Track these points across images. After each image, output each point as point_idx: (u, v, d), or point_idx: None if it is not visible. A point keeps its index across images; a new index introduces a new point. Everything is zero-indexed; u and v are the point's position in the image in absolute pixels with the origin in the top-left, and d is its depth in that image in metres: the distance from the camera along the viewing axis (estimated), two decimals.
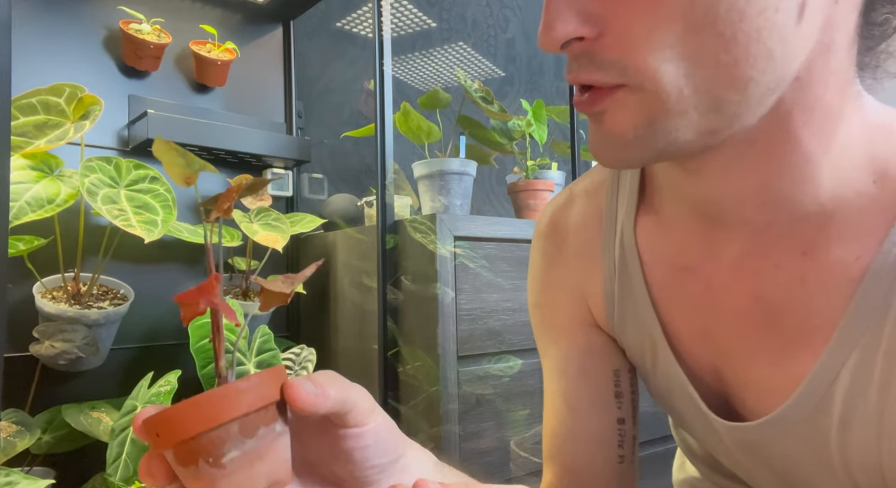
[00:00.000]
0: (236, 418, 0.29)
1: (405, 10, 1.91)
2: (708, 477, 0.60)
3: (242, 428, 0.30)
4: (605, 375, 0.53)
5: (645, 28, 0.33)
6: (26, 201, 0.96)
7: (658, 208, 0.48)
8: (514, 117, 1.48)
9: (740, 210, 0.40)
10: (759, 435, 0.43)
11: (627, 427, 0.53)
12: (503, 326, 1.21)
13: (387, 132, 1.21)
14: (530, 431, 1.22)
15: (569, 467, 0.53)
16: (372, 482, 0.37)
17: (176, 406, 0.29)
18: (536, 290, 0.58)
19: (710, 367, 0.46)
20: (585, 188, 0.55)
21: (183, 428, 0.28)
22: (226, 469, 0.29)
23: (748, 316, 0.43)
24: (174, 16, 1.39)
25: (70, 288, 1.13)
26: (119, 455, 0.95)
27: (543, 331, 0.57)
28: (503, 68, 2.17)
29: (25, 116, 1.00)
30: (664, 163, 0.44)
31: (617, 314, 0.51)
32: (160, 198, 1.09)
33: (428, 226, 1.14)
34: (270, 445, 0.31)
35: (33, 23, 1.21)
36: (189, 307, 0.31)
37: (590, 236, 0.53)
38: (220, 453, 0.29)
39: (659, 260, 0.48)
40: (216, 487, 0.29)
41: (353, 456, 0.35)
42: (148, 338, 1.31)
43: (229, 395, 0.29)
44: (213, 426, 0.29)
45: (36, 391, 1.11)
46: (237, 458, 0.29)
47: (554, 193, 1.47)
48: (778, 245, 0.40)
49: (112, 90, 1.29)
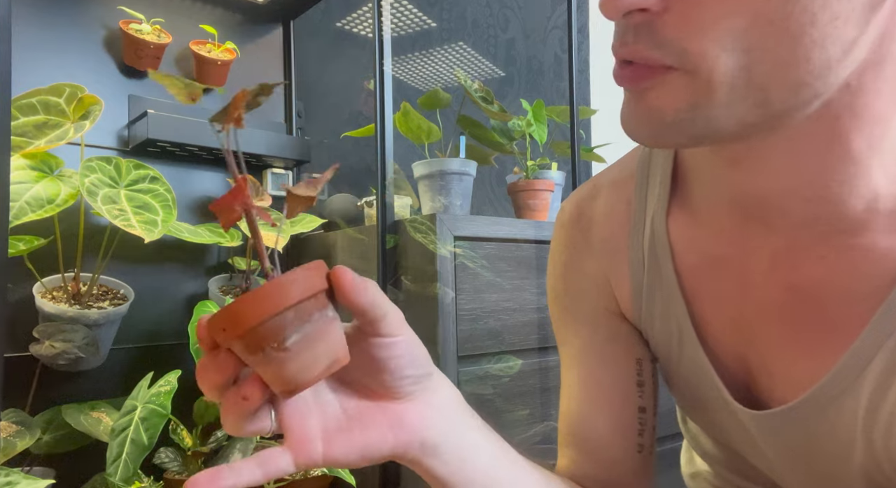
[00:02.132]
0: (292, 305, 0.32)
1: (405, 10, 1.91)
2: (720, 474, 0.60)
3: (298, 314, 0.33)
4: (628, 363, 0.53)
5: (713, 13, 0.32)
6: (26, 201, 0.96)
7: (691, 201, 0.48)
8: (514, 117, 1.48)
9: (783, 204, 0.41)
10: (784, 421, 0.43)
11: (648, 416, 0.53)
12: (503, 326, 1.21)
13: (387, 132, 1.21)
14: (530, 431, 1.22)
15: (586, 452, 0.53)
16: (405, 393, 0.38)
17: (235, 301, 0.32)
18: (559, 278, 0.57)
19: (737, 357, 0.47)
20: (612, 180, 0.55)
21: (247, 318, 0.31)
22: (290, 351, 0.32)
23: (783, 305, 0.43)
24: (174, 16, 1.39)
25: (70, 288, 1.13)
26: (119, 455, 0.95)
27: (564, 320, 0.57)
28: (503, 68, 2.17)
29: (25, 116, 1.00)
30: (705, 155, 0.45)
31: (645, 305, 0.51)
32: (160, 198, 1.09)
33: (428, 226, 1.14)
34: (326, 328, 0.34)
35: (33, 23, 1.21)
36: (226, 213, 0.33)
37: (616, 227, 0.53)
38: (283, 337, 0.32)
39: (691, 250, 0.48)
40: (285, 368, 0.32)
41: (388, 366, 0.37)
42: (148, 338, 1.31)
43: (283, 285, 0.32)
44: (273, 313, 0.32)
45: (36, 391, 1.11)
46: (299, 341, 0.33)
47: (554, 193, 1.47)
48: (823, 238, 0.41)
49: (112, 90, 1.29)
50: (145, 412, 0.99)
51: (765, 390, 0.46)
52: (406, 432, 0.38)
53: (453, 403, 0.41)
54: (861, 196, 0.38)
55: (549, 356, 1.29)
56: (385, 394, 0.38)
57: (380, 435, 0.37)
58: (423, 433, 0.38)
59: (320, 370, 0.34)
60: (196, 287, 1.38)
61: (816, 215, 0.40)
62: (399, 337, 0.37)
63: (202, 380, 0.34)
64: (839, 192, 0.39)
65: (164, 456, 1.13)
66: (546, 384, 1.25)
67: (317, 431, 0.36)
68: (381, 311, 0.36)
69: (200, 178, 1.41)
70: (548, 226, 1.32)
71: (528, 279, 1.27)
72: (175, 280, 1.35)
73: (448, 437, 0.39)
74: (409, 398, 0.39)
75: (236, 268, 1.40)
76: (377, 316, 0.36)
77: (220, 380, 0.34)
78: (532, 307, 1.27)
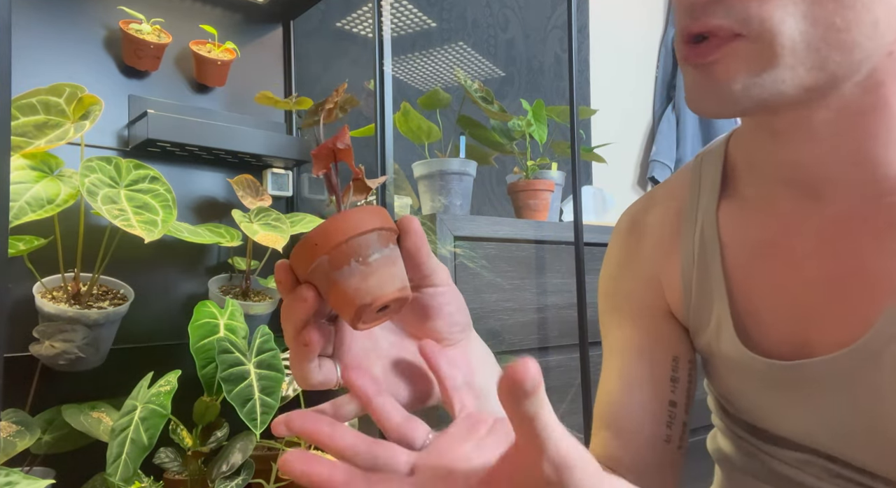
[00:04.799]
0: (375, 229, 0.37)
1: (405, 10, 1.91)
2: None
3: (380, 238, 0.37)
4: (664, 358, 0.56)
5: None
6: (26, 201, 0.96)
7: (741, 191, 0.52)
8: (514, 117, 1.48)
9: (830, 172, 0.44)
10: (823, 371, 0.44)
11: (678, 411, 0.55)
12: (503, 326, 1.21)
13: (387, 132, 1.21)
14: None
15: (616, 434, 0.56)
16: (455, 340, 0.42)
17: (324, 222, 0.36)
18: (610, 278, 0.61)
19: (784, 338, 0.48)
20: (667, 191, 0.59)
21: (340, 232, 0.36)
22: (371, 266, 0.36)
23: (829, 279, 0.45)
24: (174, 16, 1.39)
25: (70, 288, 1.13)
26: (119, 455, 0.95)
27: (609, 316, 0.61)
28: (503, 68, 2.17)
29: (25, 116, 1.00)
30: (751, 137, 0.48)
31: (694, 300, 0.54)
32: (160, 198, 1.09)
33: (428, 226, 1.14)
34: (398, 259, 0.38)
35: (33, 23, 1.21)
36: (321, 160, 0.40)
37: (668, 231, 0.57)
38: (367, 254, 0.36)
39: (739, 240, 0.51)
40: (367, 281, 0.36)
41: (441, 312, 0.41)
42: (148, 337, 1.31)
43: (366, 212, 0.37)
44: (363, 231, 0.36)
45: (36, 391, 1.11)
46: (379, 260, 0.37)
47: (554, 193, 1.47)
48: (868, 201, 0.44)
49: (112, 90, 1.29)
50: (145, 412, 0.99)
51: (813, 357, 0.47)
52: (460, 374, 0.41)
53: (489, 355, 0.45)
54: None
55: (549, 356, 1.29)
56: (437, 342, 0.42)
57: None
58: (472, 376, 0.42)
59: (395, 289, 0.37)
60: (196, 287, 1.38)
61: (862, 179, 0.43)
62: (449, 285, 0.42)
63: (287, 320, 0.37)
64: (884, 154, 0.42)
65: (164, 456, 1.13)
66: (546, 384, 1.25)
67: (379, 378, 0.40)
68: (435, 263, 0.41)
69: (200, 178, 1.41)
70: (548, 226, 1.32)
71: (528, 279, 1.27)
72: (175, 280, 1.35)
73: (491, 382, 0.43)
74: (458, 345, 0.42)
75: (236, 268, 1.40)
76: (433, 266, 0.40)
77: (303, 314, 0.36)
78: (532, 307, 1.27)
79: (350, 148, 0.40)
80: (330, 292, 0.37)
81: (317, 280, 0.37)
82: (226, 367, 1.05)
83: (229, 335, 1.14)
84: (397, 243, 0.39)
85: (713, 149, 0.56)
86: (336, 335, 0.40)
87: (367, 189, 0.43)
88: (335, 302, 0.37)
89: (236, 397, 1.03)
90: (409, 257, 0.40)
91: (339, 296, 0.36)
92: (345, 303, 0.36)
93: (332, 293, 0.37)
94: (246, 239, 1.32)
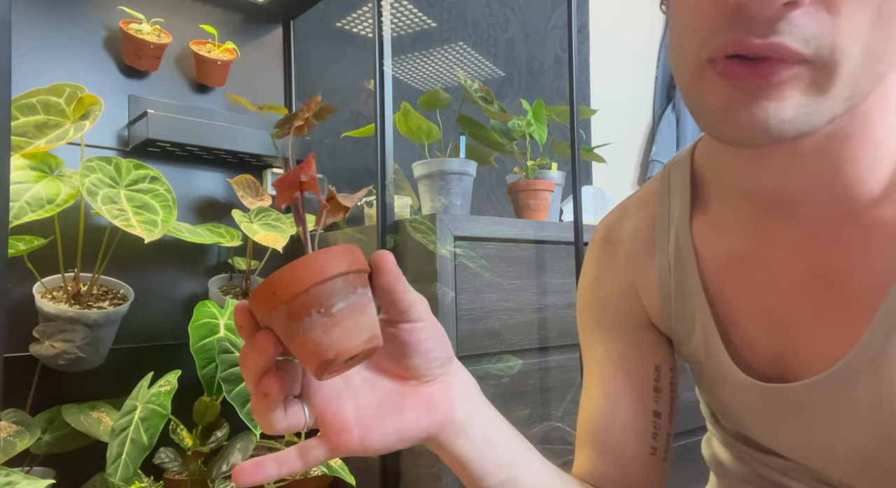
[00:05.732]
0: (340, 274, 0.34)
1: (405, 10, 1.91)
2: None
3: (346, 283, 0.34)
4: (646, 369, 0.56)
5: (852, 7, 0.34)
6: (26, 201, 0.96)
7: (711, 206, 0.51)
8: (514, 117, 1.48)
9: (808, 194, 0.43)
10: (807, 394, 0.44)
11: (662, 422, 0.55)
12: (503, 326, 1.21)
13: (387, 132, 1.21)
14: (530, 431, 1.22)
15: (601, 451, 0.55)
16: (434, 376, 0.41)
17: (284, 268, 0.33)
18: (588, 290, 0.61)
19: (767, 350, 0.48)
20: (638, 200, 0.58)
21: (300, 281, 0.33)
22: (335, 317, 0.33)
23: (808, 291, 0.45)
24: (174, 16, 1.39)
25: (70, 288, 1.13)
26: (119, 455, 0.95)
27: (590, 328, 0.60)
28: (503, 68, 2.17)
29: (25, 116, 1.00)
30: (724, 158, 0.47)
31: (674, 311, 0.53)
32: (160, 198, 1.09)
33: (428, 226, 1.14)
34: (367, 304, 0.35)
35: (33, 23, 1.21)
36: (285, 191, 0.37)
37: (642, 241, 0.56)
38: (330, 303, 0.33)
39: (715, 252, 0.50)
40: (330, 333, 0.33)
41: (418, 349, 0.39)
42: (148, 338, 1.31)
43: (330, 255, 0.34)
44: (325, 278, 0.33)
45: (36, 391, 1.11)
46: (344, 309, 0.34)
47: (554, 193, 1.47)
48: (844, 220, 0.43)
49: (112, 90, 1.29)
50: (145, 412, 0.99)
51: (793, 379, 0.47)
52: (439, 412, 0.40)
53: (473, 386, 0.44)
54: (879, 177, 0.41)
55: (549, 356, 1.29)
56: (414, 378, 0.40)
57: (415, 416, 0.39)
58: (452, 413, 0.40)
59: (361, 341, 0.34)
60: (196, 287, 1.38)
61: (838, 199, 0.42)
62: (427, 320, 0.40)
63: (245, 369, 0.36)
64: (862, 176, 0.41)
65: (164, 456, 1.13)
66: (546, 384, 1.25)
67: (352, 419, 0.38)
68: (410, 300, 0.38)
69: (200, 178, 1.41)
70: (548, 226, 1.32)
71: (528, 279, 1.27)
72: (175, 280, 1.35)
73: (474, 417, 0.42)
74: (437, 381, 0.41)
75: (236, 268, 1.40)
76: (410, 301, 0.38)
77: (262, 363, 0.35)
78: (532, 307, 1.27)
79: (315, 179, 0.36)
80: (290, 343, 0.34)
81: (276, 328, 0.34)
82: (226, 367, 1.05)
83: (229, 335, 1.14)
84: (369, 282, 0.37)
85: (679, 161, 0.55)
86: (304, 373, 0.38)
87: (344, 208, 0.40)
88: (297, 353, 0.34)
89: (236, 397, 1.03)
90: (384, 295, 0.38)
91: (300, 349, 0.34)
92: (306, 356, 0.34)
93: (292, 345, 0.34)
94: (246, 239, 1.32)
